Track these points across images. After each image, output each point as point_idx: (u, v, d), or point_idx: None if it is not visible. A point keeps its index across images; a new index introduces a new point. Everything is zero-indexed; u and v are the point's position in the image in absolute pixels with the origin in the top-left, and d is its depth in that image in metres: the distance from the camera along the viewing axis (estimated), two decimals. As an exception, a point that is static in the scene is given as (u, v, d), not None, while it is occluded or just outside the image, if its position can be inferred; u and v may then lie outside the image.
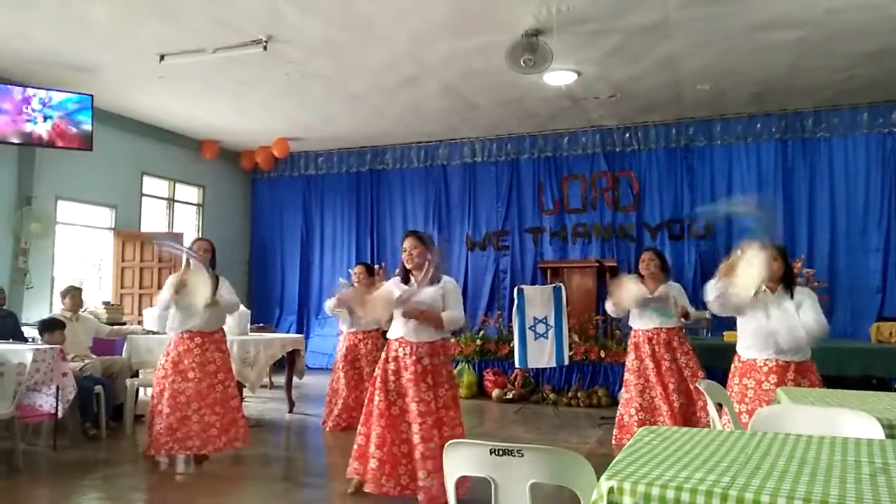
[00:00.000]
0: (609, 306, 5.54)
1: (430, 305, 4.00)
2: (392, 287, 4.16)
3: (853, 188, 8.33)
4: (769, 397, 3.69)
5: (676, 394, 5.34)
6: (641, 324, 5.50)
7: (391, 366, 4.06)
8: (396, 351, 4.07)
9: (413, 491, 3.91)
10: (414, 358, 4.00)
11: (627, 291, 5.37)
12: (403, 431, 3.97)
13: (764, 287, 3.83)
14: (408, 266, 4.10)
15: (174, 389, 4.86)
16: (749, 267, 3.69)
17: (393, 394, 4.02)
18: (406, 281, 4.11)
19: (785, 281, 3.88)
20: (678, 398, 5.34)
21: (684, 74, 7.25)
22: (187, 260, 4.90)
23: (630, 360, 5.56)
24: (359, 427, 4.15)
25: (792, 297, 3.83)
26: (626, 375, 5.58)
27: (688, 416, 5.32)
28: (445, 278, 4.14)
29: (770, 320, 3.80)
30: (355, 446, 4.12)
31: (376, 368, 4.20)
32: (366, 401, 4.18)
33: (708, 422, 5.09)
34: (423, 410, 3.91)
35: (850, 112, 8.29)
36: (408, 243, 4.12)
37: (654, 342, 5.45)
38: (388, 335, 4.21)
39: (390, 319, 4.16)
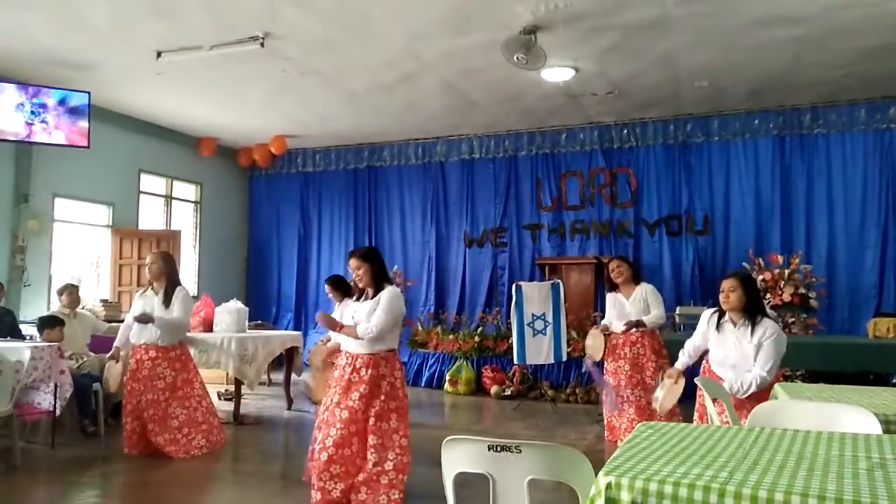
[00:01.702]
0: (588, 362, 6.02)
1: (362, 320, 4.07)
2: (350, 303, 4.36)
3: (851, 184, 8.33)
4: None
5: (641, 391, 5.55)
6: (618, 328, 5.71)
7: (336, 373, 4.17)
8: (345, 361, 4.15)
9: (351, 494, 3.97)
10: (371, 370, 4.03)
11: (597, 342, 5.79)
12: (331, 437, 4.00)
13: (727, 318, 3.85)
14: (359, 285, 4.18)
15: (137, 396, 5.12)
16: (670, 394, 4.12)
17: (339, 403, 4.06)
18: (359, 297, 4.20)
19: (748, 310, 3.77)
20: (644, 395, 5.52)
21: (682, 71, 7.25)
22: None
23: (609, 364, 5.77)
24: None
25: (753, 331, 3.72)
26: (605, 377, 5.78)
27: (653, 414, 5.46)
28: (388, 289, 4.12)
29: (727, 356, 3.80)
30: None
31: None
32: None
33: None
34: (344, 418, 3.96)
35: (848, 108, 8.29)
36: (351, 263, 4.18)
37: (636, 345, 5.65)
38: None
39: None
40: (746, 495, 1.43)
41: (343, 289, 5.93)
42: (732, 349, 3.77)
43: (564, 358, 7.47)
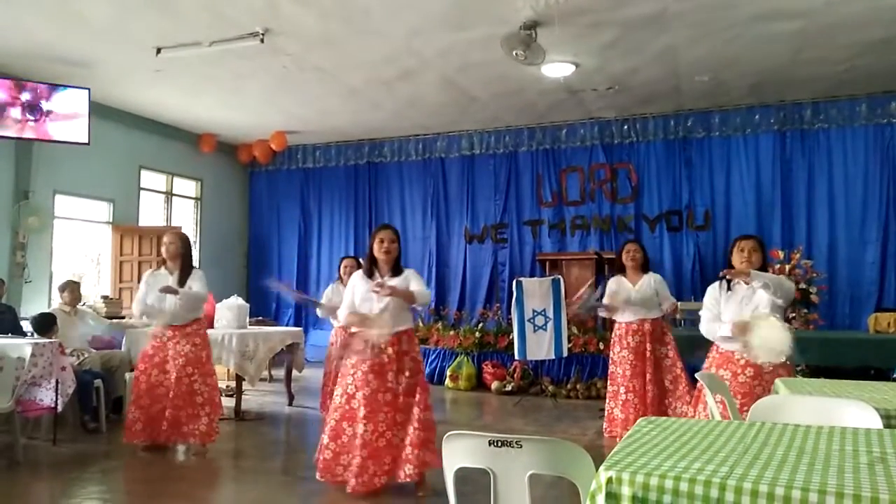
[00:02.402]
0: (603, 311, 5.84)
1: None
2: (358, 281, 4.26)
3: (851, 179, 8.32)
4: (745, 389, 3.71)
5: (652, 384, 5.47)
6: (625, 317, 5.63)
7: (364, 365, 4.11)
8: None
9: (394, 474, 4.02)
10: (396, 347, 4.09)
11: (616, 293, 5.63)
12: (381, 422, 4.04)
13: (736, 280, 3.87)
14: (380, 257, 4.19)
15: (149, 382, 5.03)
16: (769, 336, 3.56)
17: (375, 384, 4.07)
18: (370, 275, 4.21)
19: (762, 271, 3.88)
20: (653, 389, 5.47)
21: (683, 66, 7.23)
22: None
23: (615, 353, 5.67)
24: (330, 429, 4.16)
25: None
26: (612, 368, 5.70)
27: (662, 407, 5.43)
28: (407, 269, 4.26)
29: (742, 311, 3.81)
30: (330, 451, 4.13)
31: (345, 365, 4.26)
32: (339, 401, 4.18)
33: (683, 413, 5.18)
34: (388, 400, 4.04)
35: (849, 103, 8.27)
36: (385, 235, 4.22)
37: (638, 333, 5.57)
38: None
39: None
40: (747, 489, 1.44)
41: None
42: (748, 305, 3.80)
43: (565, 354, 7.47)
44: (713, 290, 4.03)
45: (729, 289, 3.92)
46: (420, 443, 4.00)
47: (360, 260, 6.12)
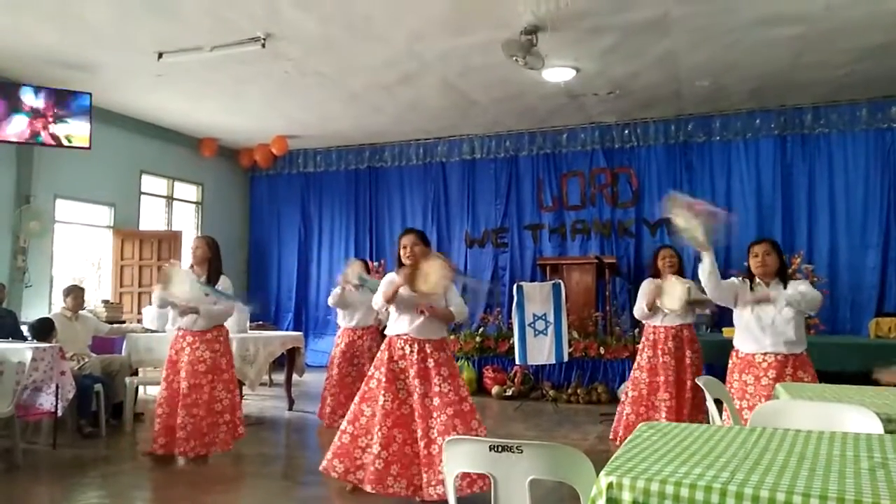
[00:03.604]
0: (643, 310, 5.41)
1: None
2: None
3: (852, 183, 8.32)
4: (769, 392, 3.69)
5: (674, 388, 5.33)
6: (664, 321, 5.41)
7: (399, 364, 4.04)
8: (403, 349, 4.04)
9: (421, 491, 3.89)
10: (422, 355, 3.99)
11: (673, 291, 5.24)
12: (414, 430, 3.94)
13: (758, 281, 3.89)
14: (406, 263, 4.07)
15: (171, 388, 4.94)
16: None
17: (403, 392, 4.00)
18: None
19: (780, 275, 3.92)
20: (676, 394, 5.33)
21: (683, 70, 7.24)
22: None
23: (646, 358, 5.46)
24: (345, 426, 4.11)
25: (786, 288, 3.86)
26: (638, 374, 5.48)
27: (681, 413, 5.33)
28: None
29: (762, 316, 3.82)
30: (338, 443, 4.09)
31: (371, 368, 4.19)
32: (357, 400, 4.14)
33: (702, 419, 5.12)
34: (442, 402, 3.90)
35: (849, 108, 8.28)
36: (408, 240, 4.13)
37: (677, 339, 5.39)
38: (388, 332, 4.19)
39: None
40: (748, 495, 1.43)
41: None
42: (770, 308, 3.80)
43: (566, 358, 7.46)
44: (737, 280, 4.06)
45: (752, 289, 3.92)
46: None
47: (368, 262, 6.20)
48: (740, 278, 4.05)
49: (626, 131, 9.30)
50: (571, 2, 5.50)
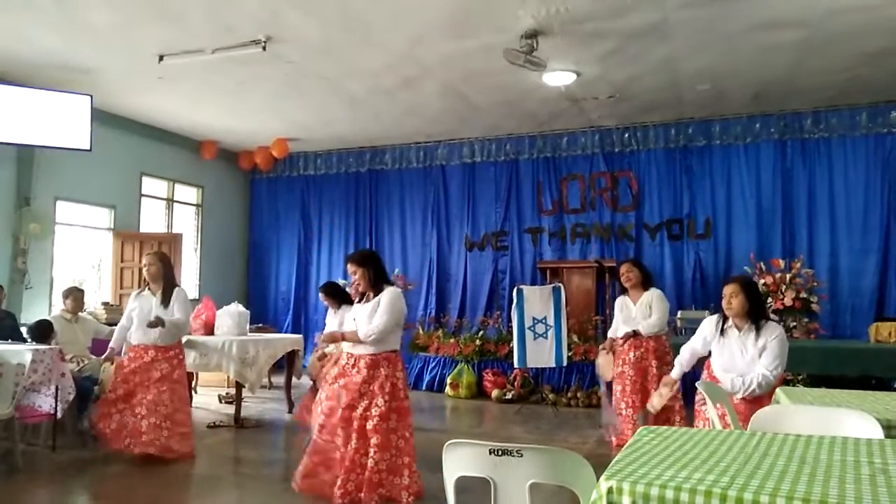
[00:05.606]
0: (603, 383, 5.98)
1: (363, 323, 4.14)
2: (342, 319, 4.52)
3: (852, 188, 8.32)
4: (742, 407, 3.64)
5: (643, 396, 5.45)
6: (623, 332, 5.63)
7: (341, 380, 4.16)
8: (347, 363, 4.18)
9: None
10: (356, 369, 4.10)
11: (605, 361, 5.77)
12: (354, 441, 4.04)
13: (730, 323, 3.80)
14: (358, 289, 4.25)
15: (127, 390, 5.09)
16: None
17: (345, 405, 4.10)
18: (362, 300, 4.25)
19: (751, 316, 3.73)
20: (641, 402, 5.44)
21: (684, 75, 7.25)
22: None
23: (615, 371, 5.68)
24: (315, 442, 4.19)
25: (758, 335, 3.68)
26: (613, 385, 5.70)
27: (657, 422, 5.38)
28: (388, 290, 4.18)
29: (733, 362, 3.74)
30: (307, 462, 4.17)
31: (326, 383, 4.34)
32: (322, 416, 4.22)
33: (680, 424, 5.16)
34: (351, 416, 4.04)
35: (849, 112, 8.29)
36: (349, 269, 4.27)
37: (638, 349, 5.57)
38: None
39: None
40: (748, 500, 1.43)
41: (337, 296, 6.02)
42: (738, 355, 3.70)
43: (565, 362, 7.47)
44: (707, 323, 3.98)
45: (722, 333, 3.82)
46: (384, 469, 3.98)
47: (338, 286, 6.33)
48: (717, 316, 3.93)
49: (627, 135, 9.31)
50: (572, 6, 5.52)
